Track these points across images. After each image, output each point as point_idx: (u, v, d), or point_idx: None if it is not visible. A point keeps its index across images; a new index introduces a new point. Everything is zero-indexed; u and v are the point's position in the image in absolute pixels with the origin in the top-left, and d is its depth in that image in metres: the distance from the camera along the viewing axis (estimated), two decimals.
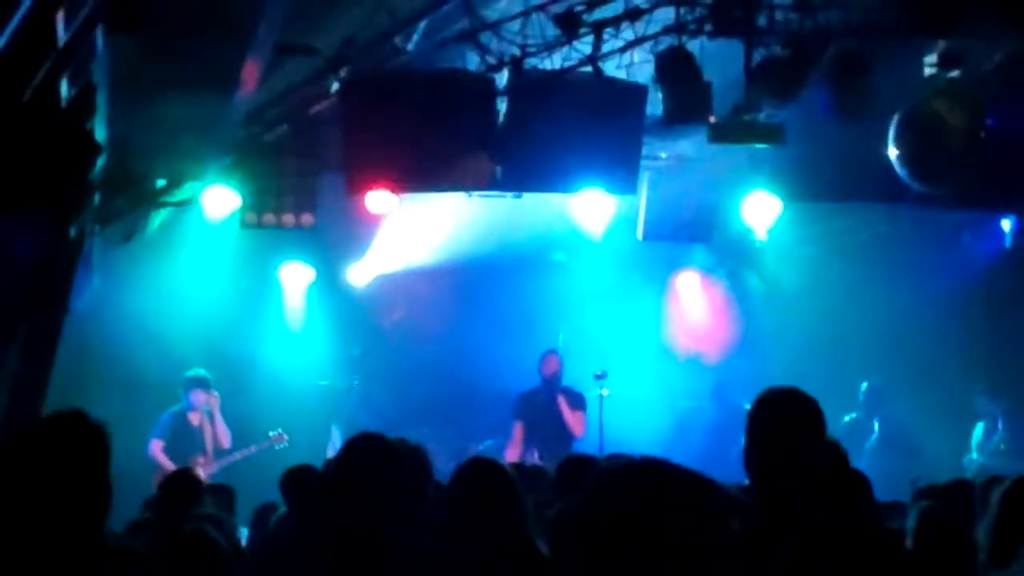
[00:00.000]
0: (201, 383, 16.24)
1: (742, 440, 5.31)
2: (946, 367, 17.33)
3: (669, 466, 3.16)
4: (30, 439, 4.51)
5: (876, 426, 17.21)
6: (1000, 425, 17.02)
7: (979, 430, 17.21)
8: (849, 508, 6.17)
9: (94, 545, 4.43)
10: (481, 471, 6.56)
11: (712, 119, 13.76)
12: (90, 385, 14.54)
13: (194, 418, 16.29)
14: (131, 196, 14.28)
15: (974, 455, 16.95)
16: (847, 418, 17.17)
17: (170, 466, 14.89)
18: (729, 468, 6.57)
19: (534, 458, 15.40)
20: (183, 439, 16.13)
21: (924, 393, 17.34)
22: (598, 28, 12.97)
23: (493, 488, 6.42)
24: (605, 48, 13.23)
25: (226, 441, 16.28)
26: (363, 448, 5.98)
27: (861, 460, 15.33)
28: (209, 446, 16.21)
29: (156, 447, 15.95)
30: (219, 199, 15.37)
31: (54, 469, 4.39)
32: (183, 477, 9.78)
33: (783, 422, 5.23)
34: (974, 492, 7.98)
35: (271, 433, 16.47)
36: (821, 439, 5.28)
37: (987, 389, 17.16)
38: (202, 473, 15.44)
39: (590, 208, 16.33)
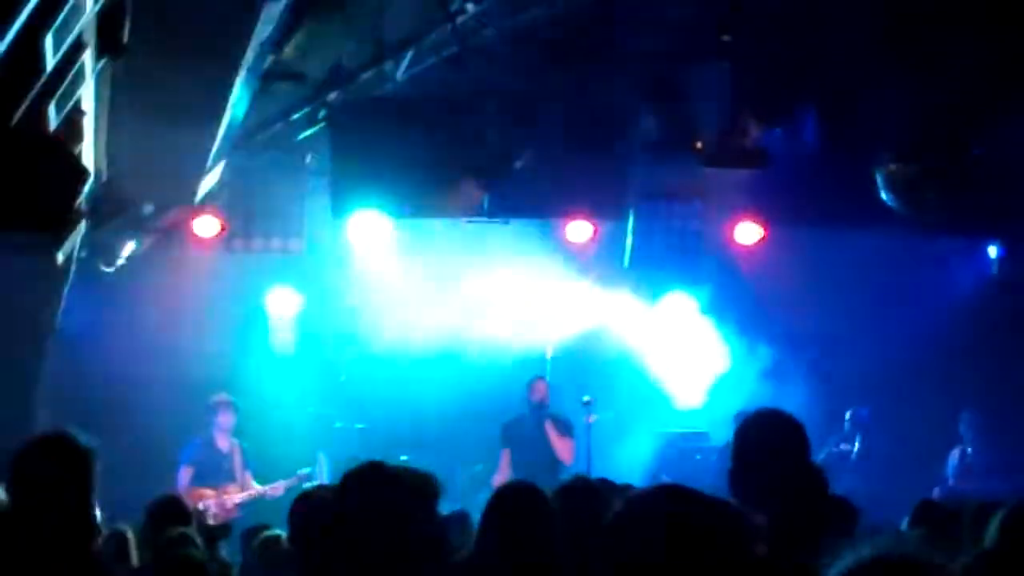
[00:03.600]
0: (229, 406, 16.10)
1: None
2: (932, 393, 17.33)
3: (695, 493, 3.17)
4: (15, 460, 4.52)
5: (860, 451, 17.17)
6: (970, 448, 17.05)
7: (955, 453, 17.24)
8: (838, 534, 6.16)
9: (84, 566, 4.43)
10: (521, 495, 6.57)
11: (699, 144, 13.80)
12: (76, 408, 14.50)
13: (223, 444, 16.13)
14: (119, 221, 14.28)
15: (948, 479, 16.94)
16: (833, 445, 17.15)
17: (196, 493, 14.89)
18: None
19: None
20: (213, 465, 15.93)
21: (911, 419, 17.33)
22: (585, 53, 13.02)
23: (533, 513, 6.43)
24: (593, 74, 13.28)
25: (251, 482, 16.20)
26: (366, 476, 5.92)
27: (846, 486, 15.33)
28: (239, 474, 16.05)
29: (185, 475, 15.76)
30: (207, 224, 15.36)
31: (39, 490, 4.40)
32: (171, 502, 9.77)
33: (768, 444, 5.25)
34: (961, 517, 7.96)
35: (300, 471, 16.35)
36: (805, 461, 5.30)
37: (970, 411, 17.16)
38: (231, 502, 15.41)
39: (578, 233, 16.33)
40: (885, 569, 2.91)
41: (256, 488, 15.98)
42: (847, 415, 17.49)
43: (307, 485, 15.98)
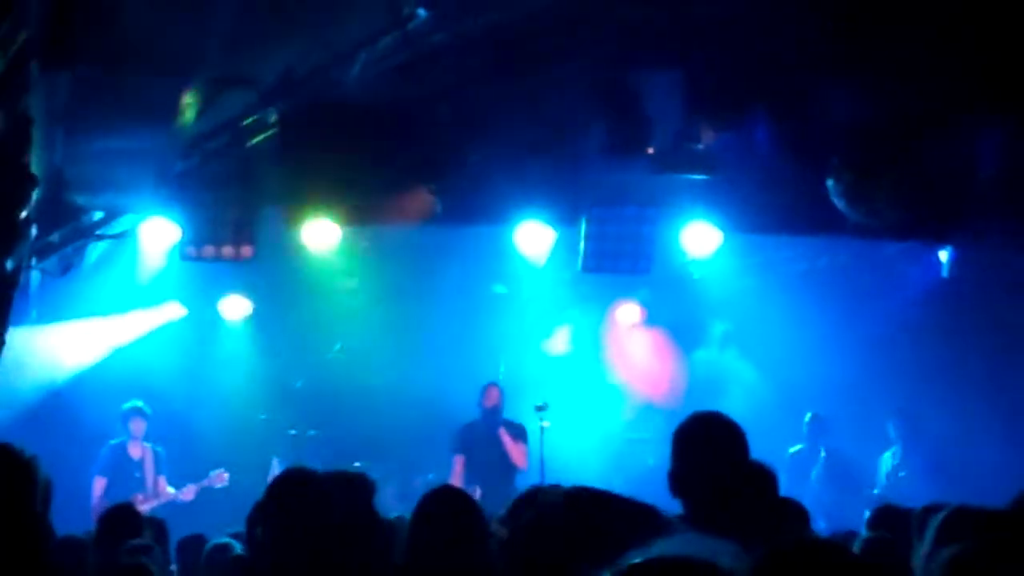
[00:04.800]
0: (139, 413, 16.13)
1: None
2: (885, 396, 17.43)
3: (594, 491, 3.21)
4: None
5: (820, 456, 17.22)
6: (900, 451, 17.15)
7: (887, 458, 17.33)
8: (787, 534, 6.18)
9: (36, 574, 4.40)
10: (447, 499, 6.56)
11: (651, 149, 13.81)
12: (25, 419, 14.42)
13: (135, 451, 16.15)
14: (68, 229, 14.20)
15: (878, 487, 16.99)
16: (792, 449, 17.19)
17: (103, 504, 14.79)
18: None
19: (476, 495, 15.34)
20: (124, 474, 15.98)
21: (864, 422, 17.43)
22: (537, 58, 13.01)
23: (462, 517, 6.42)
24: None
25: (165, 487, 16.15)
26: (291, 483, 5.97)
27: (806, 491, 15.39)
28: (150, 481, 16.06)
29: (98, 485, 15.77)
30: (157, 231, 15.30)
31: None
32: (124, 510, 9.72)
33: (705, 444, 5.34)
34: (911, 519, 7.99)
35: (212, 472, 16.35)
36: (744, 460, 5.38)
37: (899, 412, 17.26)
38: (142, 510, 15.32)
39: (530, 239, 16.32)
40: (659, 570, 2.94)
41: (167, 494, 15.98)
42: (805, 419, 17.52)
43: (219, 486, 16.03)
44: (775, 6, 12.63)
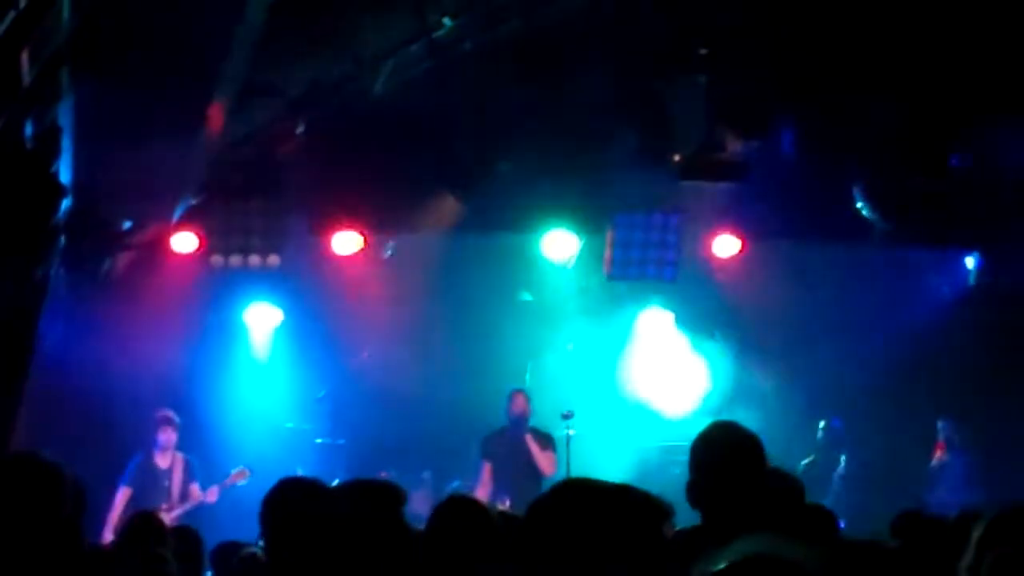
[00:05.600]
0: (168, 422, 16.13)
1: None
2: (912, 404, 17.37)
3: (592, 483, 3.32)
4: None
5: (840, 464, 17.16)
6: (959, 458, 17.07)
7: (934, 463, 17.25)
8: (815, 541, 6.18)
9: None
10: (460, 510, 6.56)
11: (677, 157, 13.83)
12: (57, 427, 14.46)
13: (162, 460, 16.13)
14: (97, 238, 14.26)
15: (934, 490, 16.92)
16: (807, 458, 17.13)
17: (122, 515, 14.80)
18: None
19: (505, 505, 15.30)
20: (150, 483, 15.96)
21: (890, 430, 17.37)
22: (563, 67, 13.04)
23: (473, 527, 6.41)
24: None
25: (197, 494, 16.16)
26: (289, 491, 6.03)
27: (824, 498, 15.32)
28: (176, 490, 16.04)
29: (121, 496, 15.75)
30: (185, 241, 15.34)
31: (8, 509, 4.40)
32: (149, 519, 9.71)
33: (723, 454, 5.36)
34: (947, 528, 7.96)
35: (232, 471, 16.35)
36: (761, 469, 5.40)
37: (948, 420, 17.19)
38: (166, 519, 15.34)
39: (556, 246, 16.33)
40: (756, 567, 3.00)
41: (193, 498, 15.96)
42: (820, 427, 17.47)
43: (242, 483, 16.03)
44: (799, 16, 12.66)
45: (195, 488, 16.05)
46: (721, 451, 5.42)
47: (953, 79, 13.44)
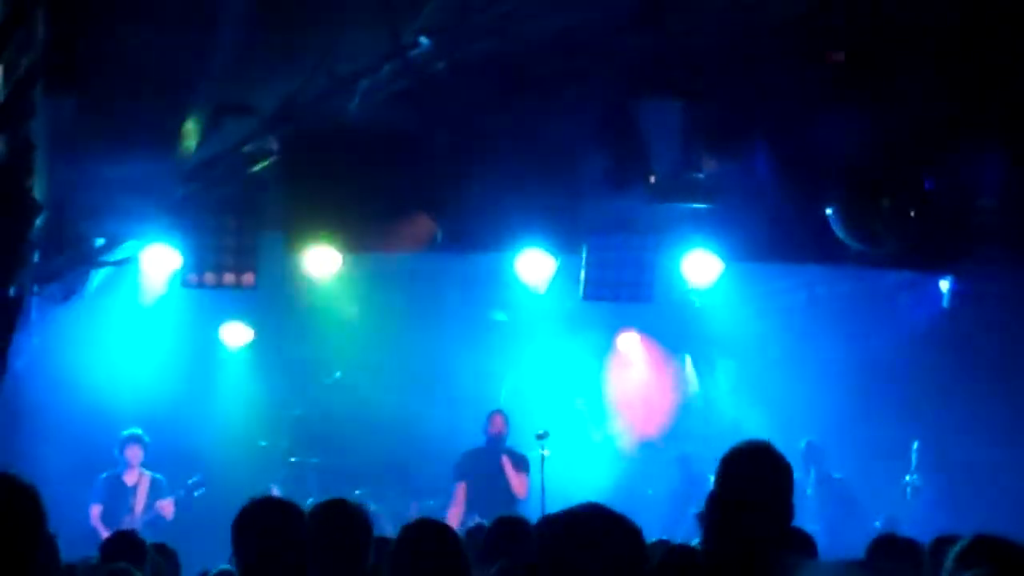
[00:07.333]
0: (137, 440, 16.16)
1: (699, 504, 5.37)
2: (885, 426, 17.42)
3: (601, 512, 3.35)
4: None
5: (815, 484, 17.20)
6: (932, 480, 17.13)
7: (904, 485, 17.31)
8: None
9: None
10: (428, 533, 6.55)
11: (652, 178, 13.84)
12: (28, 446, 14.42)
13: (129, 478, 16.17)
14: (70, 255, 14.21)
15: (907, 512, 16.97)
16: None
17: (106, 533, 14.76)
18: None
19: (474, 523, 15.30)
20: (118, 501, 16.01)
21: (863, 454, 17.41)
22: (538, 87, 13.05)
23: (439, 551, 6.40)
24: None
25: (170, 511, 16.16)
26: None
27: (801, 518, 15.34)
28: (139, 508, 16.07)
29: (94, 513, 15.82)
30: (159, 258, 15.31)
31: None
32: (124, 538, 9.69)
33: (755, 474, 5.26)
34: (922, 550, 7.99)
35: (189, 481, 16.40)
36: (790, 494, 5.32)
37: (921, 442, 17.25)
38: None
39: (531, 266, 16.33)
40: None
41: (148, 513, 15.99)
42: (800, 446, 17.50)
43: (197, 493, 16.05)
44: (774, 38, 12.67)
45: (160, 505, 16.06)
46: (753, 471, 5.34)
47: (928, 102, 13.47)
